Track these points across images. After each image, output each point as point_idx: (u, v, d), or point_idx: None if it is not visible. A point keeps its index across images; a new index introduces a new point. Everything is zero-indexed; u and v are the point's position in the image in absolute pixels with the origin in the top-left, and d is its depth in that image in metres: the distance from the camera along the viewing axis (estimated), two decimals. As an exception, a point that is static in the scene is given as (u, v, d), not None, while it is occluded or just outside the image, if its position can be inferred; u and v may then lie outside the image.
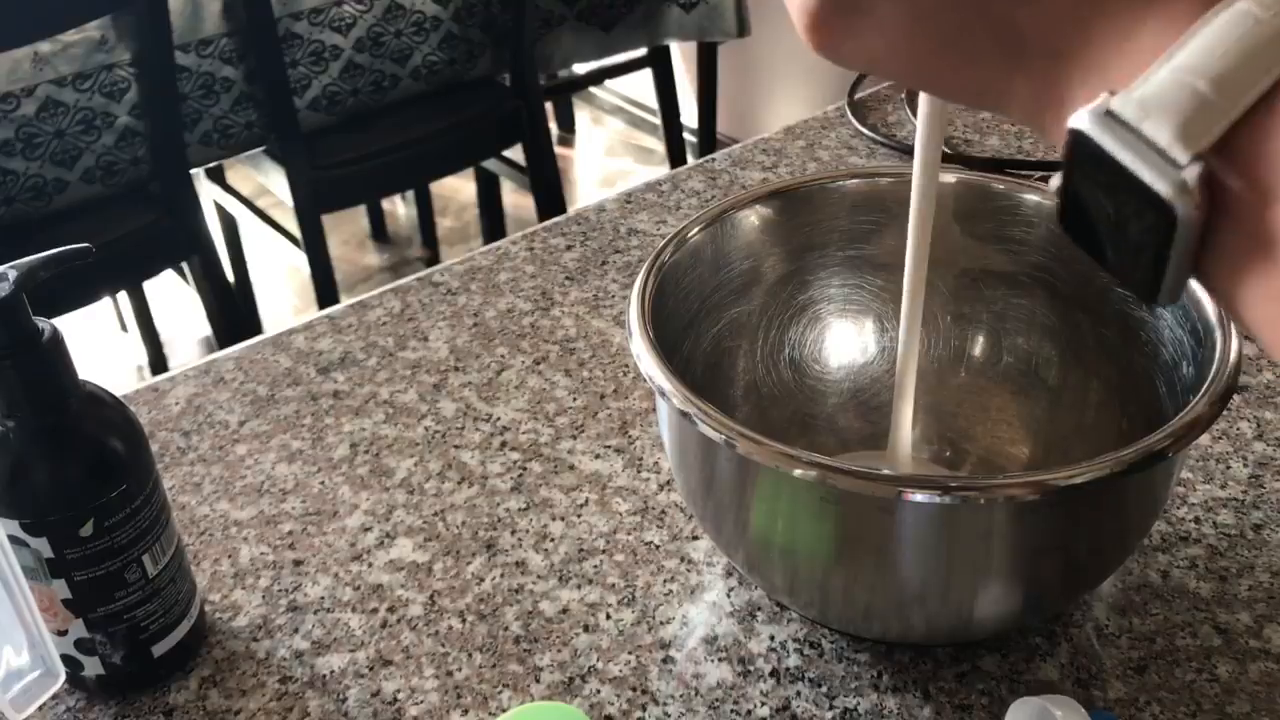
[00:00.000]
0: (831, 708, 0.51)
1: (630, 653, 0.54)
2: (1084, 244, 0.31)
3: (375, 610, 0.57)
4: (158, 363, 2.11)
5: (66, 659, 0.51)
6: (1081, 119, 0.28)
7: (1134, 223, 0.28)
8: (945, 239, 0.57)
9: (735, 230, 0.59)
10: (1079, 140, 0.28)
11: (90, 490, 0.48)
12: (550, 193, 1.99)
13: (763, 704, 0.51)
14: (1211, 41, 0.26)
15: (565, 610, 0.56)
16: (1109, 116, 0.27)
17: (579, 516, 0.61)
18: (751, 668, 0.53)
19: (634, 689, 0.52)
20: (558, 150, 2.28)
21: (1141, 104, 0.27)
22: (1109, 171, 0.28)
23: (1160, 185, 0.26)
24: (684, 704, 0.52)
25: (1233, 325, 0.48)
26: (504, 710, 0.52)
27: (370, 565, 0.59)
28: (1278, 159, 0.25)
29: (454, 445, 0.67)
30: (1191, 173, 0.26)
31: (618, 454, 0.65)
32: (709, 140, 2.44)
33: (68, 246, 0.47)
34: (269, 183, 1.84)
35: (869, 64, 0.34)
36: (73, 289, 1.59)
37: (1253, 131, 0.26)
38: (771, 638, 0.54)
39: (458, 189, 2.78)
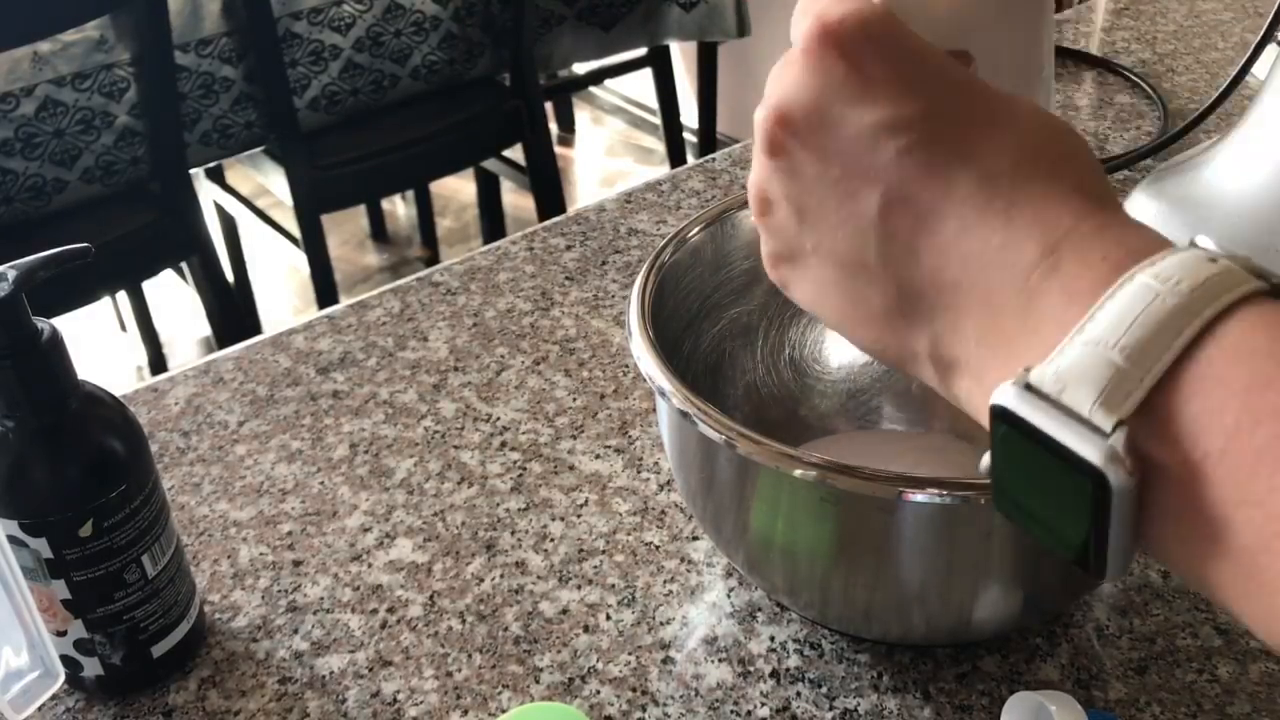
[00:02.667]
0: (832, 708, 0.51)
1: (630, 653, 0.54)
2: (1022, 523, 0.31)
3: (375, 611, 0.57)
4: (157, 363, 2.11)
5: (66, 659, 0.51)
6: (1005, 394, 0.29)
7: (1070, 495, 0.28)
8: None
9: (735, 230, 0.59)
10: (1003, 415, 0.29)
11: (89, 491, 0.48)
12: (550, 193, 1.99)
13: (763, 704, 0.51)
14: (1118, 315, 0.27)
15: (565, 611, 0.56)
16: (1029, 390, 0.28)
17: (579, 517, 0.61)
18: (751, 668, 0.53)
19: (634, 689, 0.52)
20: (558, 150, 2.28)
21: (1059, 376, 0.28)
22: (1038, 445, 0.28)
23: (1090, 453, 0.27)
24: (684, 704, 0.52)
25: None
26: (504, 711, 0.52)
27: (370, 566, 0.59)
28: (1193, 421, 0.26)
29: (454, 445, 0.67)
30: (1118, 439, 0.27)
31: (618, 454, 0.65)
32: (709, 140, 2.44)
33: (67, 246, 0.47)
34: (268, 182, 1.84)
35: (810, 308, 0.37)
36: (72, 289, 1.59)
37: (1168, 396, 0.27)
38: (772, 638, 0.54)
39: (458, 189, 2.78)
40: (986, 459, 0.31)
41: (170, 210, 1.63)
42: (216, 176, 2.14)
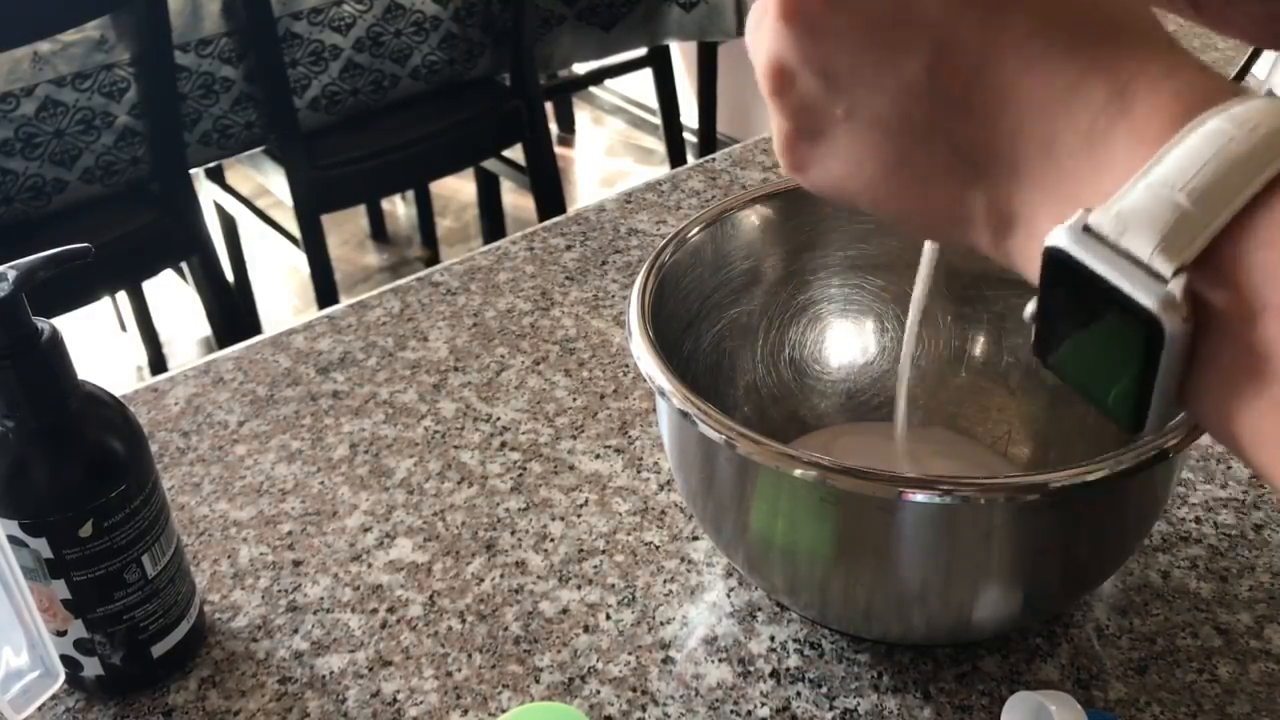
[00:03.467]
0: (832, 708, 0.51)
1: (630, 653, 0.54)
2: (1063, 373, 0.30)
3: (375, 611, 0.57)
4: (157, 363, 2.11)
5: (66, 659, 0.51)
6: (1059, 236, 0.28)
7: (1118, 343, 0.28)
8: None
9: (735, 230, 0.59)
10: (1056, 259, 0.28)
11: (89, 491, 0.48)
12: (550, 193, 1.99)
13: (763, 704, 0.51)
14: (1187, 157, 0.26)
15: (565, 611, 0.56)
16: (1086, 233, 0.27)
17: (579, 517, 0.61)
18: (751, 668, 0.53)
19: (634, 689, 0.52)
20: (558, 150, 2.28)
21: (1120, 218, 0.27)
22: (1090, 289, 0.27)
23: (1145, 299, 0.26)
24: (684, 704, 0.52)
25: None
26: (504, 711, 0.52)
27: (370, 565, 0.59)
28: (1260, 271, 0.25)
29: (454, 445, 0.67)
30: (1177, 285, 0.26)
31: (618, 454, 0.65)
32: (709, 140, 2.44)
33: (67, 246, 0.47)
34: (268, 182, 1.84)
35: (835, 189, 0.35)
36: (72, 289, 1.59)
37: (1235, 244, 0.26)
38: (772, 638, 0.54)
39: (458, 189, 2.78)
40: (1032, 305, 0.30)
41: (170, 210, 1.63)
42: (216, 176, 2.14)
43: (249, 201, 2.07)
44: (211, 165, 1.87)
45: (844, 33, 0.32)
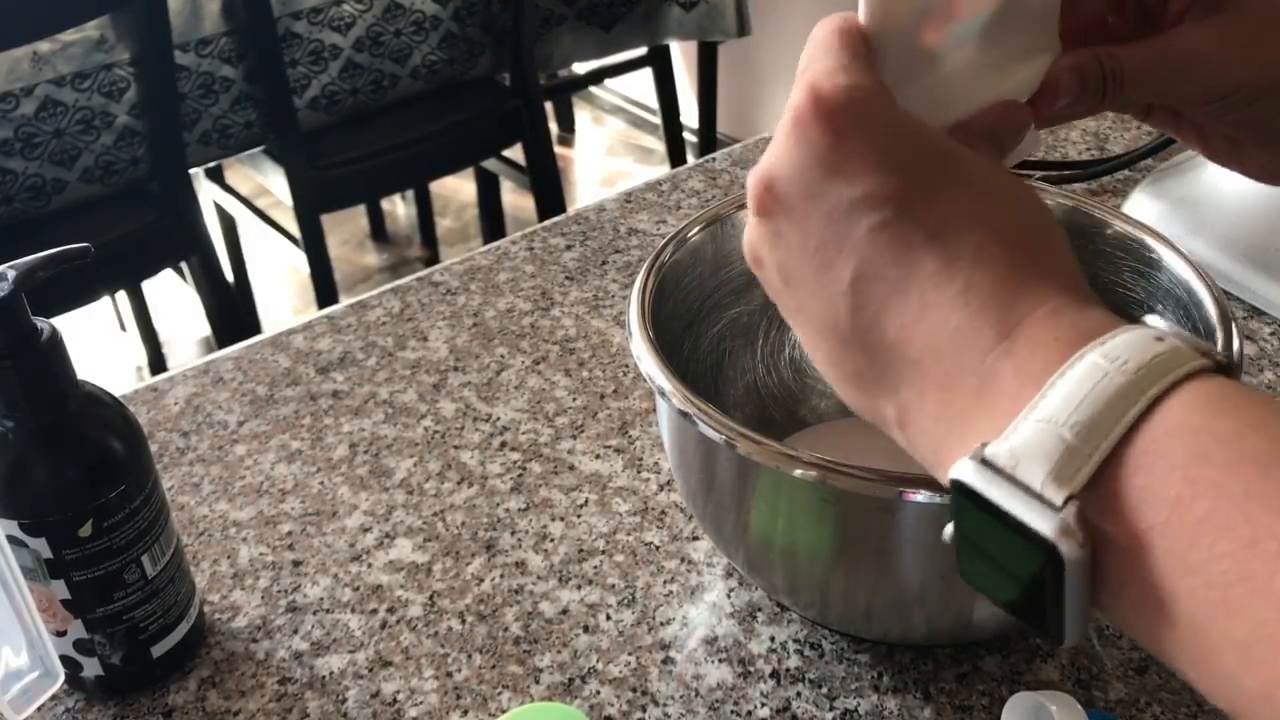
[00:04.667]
0: (832, 709, 0.51)
1: (630, 654, 0.54)
2: (986, 591, 0.32)
3: (375, 611, 0.57)
4: (157, 363, 2.11)
5: (65, 660, 0.51)
6: (962, 468, 0.30)
7: (1026, 567, 0.30)
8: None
9: (735, 230, 0.59)
10: (962, 489, 0.30)
11: (89, 491, 0.48)
12: (550, 193, 1.99)
13: (763, 705, 0.51)
14: (1069, 393, 0.29)
15: (565, 611, 0.56)
16: (985, 465, 0.29)
17: (579, 517, 0.61)
18: (752, 669, 0.53)
19: (634, 690, 0.52)
20: (558, 150, 2.28)
21: (1012, 452, 0.29)
22: (995, 518, 0.30)
23: (1042, 526, 0.28)
24: (684, 705, 0.52)
25: (1234, 325, 0.48)
26: (504, 711, 0.52)
27: (370, 566, 0.59)
28: (1138, 495, 0.27)
29: (454, 445, 0.67)
30: (1069, 513, 0.28)
31: (618, 454, 0.65)
32: (709, 140, 2.44)
33: (66, 246, 0.47)
34: (268, 182, 1.84)
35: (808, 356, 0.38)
36: (71, 289, 1.59)
37: (1116, 472, 0.28)
38: (772, 638, 0.54)
39: (457, 189, 2.78)
40: (949, 530, 0.32)
41: (170, 210, 1.63)
42: (216, 176, 2.14)
43: (249, 201, 2.07)
44: (211, 165, 1.87)
45: (796, 240, 0.36)
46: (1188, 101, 0.44)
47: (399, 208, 2.78)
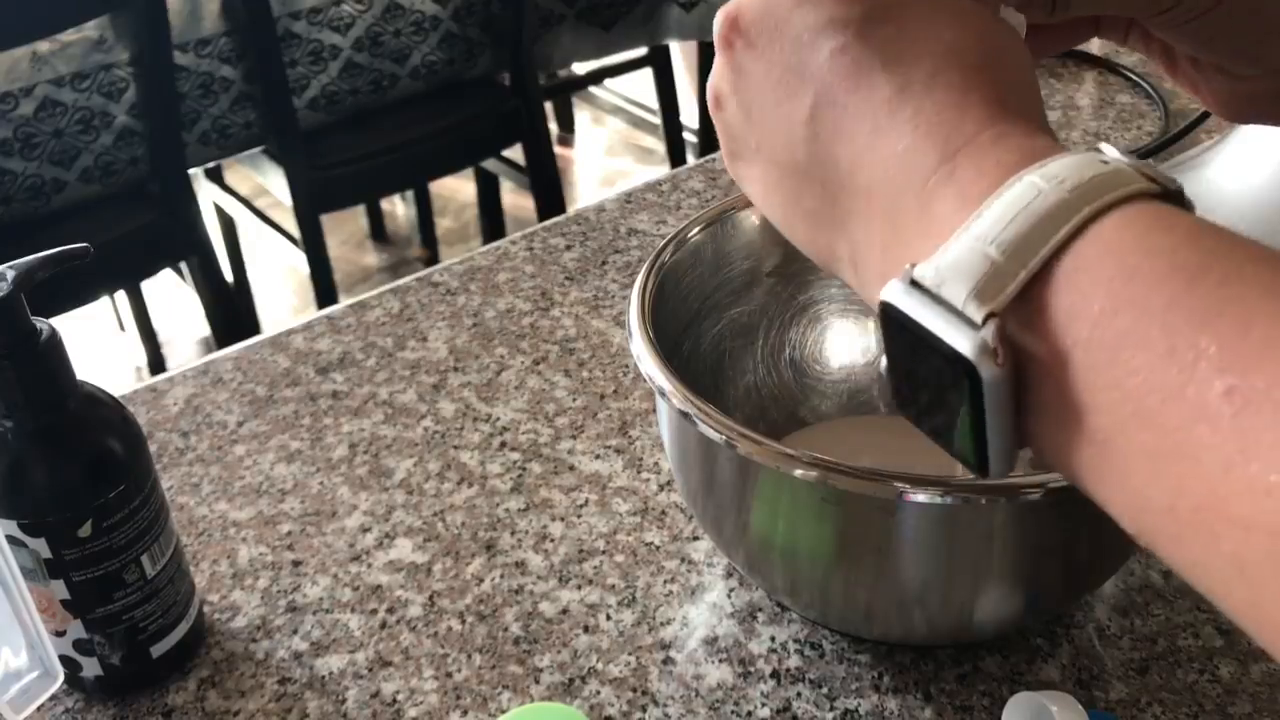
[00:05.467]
0: (832, 709, 0.51)
1: (630, 654, 0.54)
2: (916, 420, 0.32)
3: (374, 611, 0.57)
4: (156, 363, 2.11)
5: (65, 660, 0.51)
6: (891, 290, 0.29)
7: (950, 390, 0.29)
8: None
9: (735, 230, 0.59)
10: (889, 312, 0.30)
11: (88, 491, 0.48)
12: (550, 193, 1.99)
13: (763, 705, 0.51)
14: (1000, 212, 0.28)
15: (565, 611, 0.56)
16: (913, 286, 0.29)
17: (579, 517, 0.61)
18: (752, 669, 0.53)
19: (634, 690, 0.52)
20: (558, 150, 2.28)
21: (939, 271, 0.28)
22: (919, 340, 0.29)
23: (961, 344, 0.28)
24: (684, 705, 0.51)
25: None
26: (503, 711, 0.52)
27: (369, 566, 0.59)
28: (1064, 313, 0.27)
29: (453, 445, 0.66)
30: (988, 331, 0.27)
31: (618, 454, 0.65)
32: (709, 140, 2.44)
33: (66, 246, 0.47)
34: (267, 182, 1.84)
35: (758, 205, 0.38)
36: (71, 289, 1.59)
37: (1042, 291, 0.27)
38: (772, 639, 0.54)
39: (457, 189, 2.78)
40: (883, 360, 0.32)
41: (169, 210, 1.63)
42: (216, 176, 2.14)
43: (248, 201, 2.07)
44: (210, 165, 1.87)
45: (759, 73, 0.35)
46: (1140, 8, 0.42)
47: (399, 208, 2.78)
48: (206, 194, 2.07)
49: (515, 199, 2.54)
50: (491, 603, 0.57)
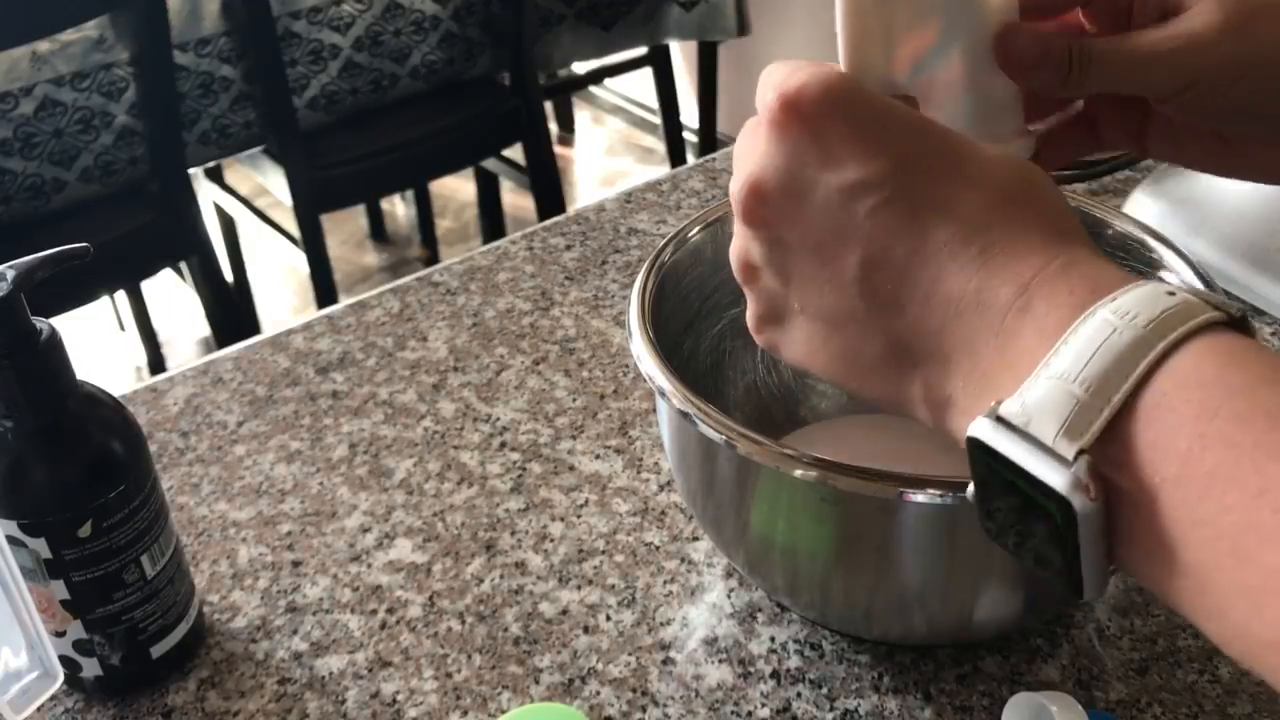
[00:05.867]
0: (832, 709, 0.51)
1: (630, 654, 0.54)
2: (1008, 548, 0.33)
3: (374, 611, 0.57)
4: (156, 363, 2.11)
5: (65, 660, 0.51)
6: (979, 426, 0.30)
7: (1042, 521, 0.30)
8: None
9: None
10: (978, 446, 0.31)
11: (88, 491, 0.48)
12: (550, 193, 1.99)
13: (763, 705, 0.51)
14: (1079, 350, 0.29)
15: (565, 611, 0.56)
16: (1000, 422, 0.30)
17: (579, 517, 0.61)
18: (752, 669, 0.53)
19: (634, 690, 0.52)
20: (558, 150, 2.28)
21: (1025, 409, 0.29)
22: (1011, 473, 0.30)
23: (1055, 480, 0.29)
24: (684, 705, 0.51)
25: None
26: (503, 712, 0.52)
27: (369, 566, 0.59)
28: (1150, 448, 0.28)
29: (453, 446, 0.66)
30: (1080, 467, 0.28)
31: (618, 454, 0.65)
32: (709, 140, 2.44)
33: (65, 246, 0.47)
34: (267, 182, 1.84)
35: (801, 366, 0.39)
36: (70, 289, 1.59)
37: (1128, 426, 0.28)
38: (772, 639, 0.54)
39: (457, 189, 2.78)
40: (971, 488, 0.32)
41: (169, 210, 1.63)
42: (216, 176, 2.14)
43: (248, 201, 2.07)
44: (210, 165, 1.87)
45: (791, 238, 0.36)
46: (1158, 88, 0.43)
47: (399, 208, 2.78)
48: (206, 194, 2.07)
49: (515, 199, 2.54)
50: (491, 603, 0.57)
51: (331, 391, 0.71)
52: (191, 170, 1.67)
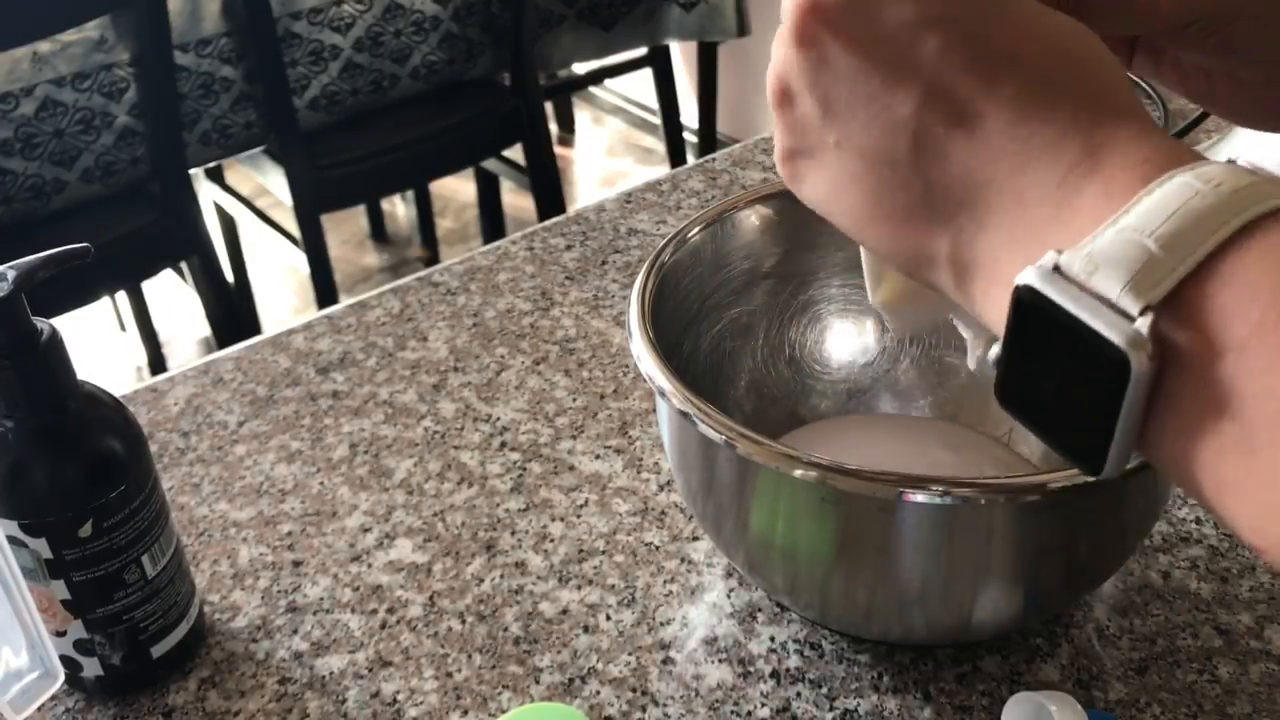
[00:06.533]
0: (832, 709, 0.51)
1: (630, 654, 0.54)
2: (1026, 415, 0.32)
3: (375, 611, 0.57)
4: (156, 363, 2.11)
5: (65, 660, 0.51)
6: (1029, 275, 0.29)
7: (1084, 381, 0.29)
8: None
9: (735, 230, 0.59)
10: (1025, 299, 0.29)
11: (89, 491, 0.48)
12: (550, 193, 1.99)
13: (763, 705, 0.51)
14: (1156, 207, 0.28)
15: (565, 611, 0.56)
16: (1056, 273, 0.29)
17: (579, 517, 0.61)
18: (752, 669, 0.53)
19: (634, 690, 0.52)
20: (558, 150, 2.28)
21: (1090, 259, 0.28)
22: (1058, 329, 0.29)
23: (1113, 336, 0.27)
24: (684, 705, 0.52)
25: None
26: (504, 711, 0.52)
27: (370, 566, 0.59)
28: (1222, 312, 0.27)
29: (453, 446, 0.67)
30: (1144, 323, 0.27)
31: (618, 454, 0.65)
32: (709, 140, 2.44)
33: (66, 246, 0.47)
34: (268, 182, 1.84)
35: (822, 206, 0.37)
36: (71, 289, 1.59)
37: (1199, 289, 0.27)
38: (772, 639, 0.54)
39: (457, 189, 2.78)
40: (996, 348, 0.31)
41: (170, 210, 1.63)
42: (216, 176, 2.14)
43: (249, 201, 2.07)
44: (211, 165, 1.87)
45: (847, 66, 0.34)
46: (1162, 23, 0.42)
47: (399, 208, 2.78)
48: (207, 194, 2.07)
49: (515, 199, 2.54)
50: (491, 603, 0.57)
51: (332, 391, 0.71)
52: (192, 170, 1.67)
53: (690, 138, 2.59)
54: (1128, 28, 0.43)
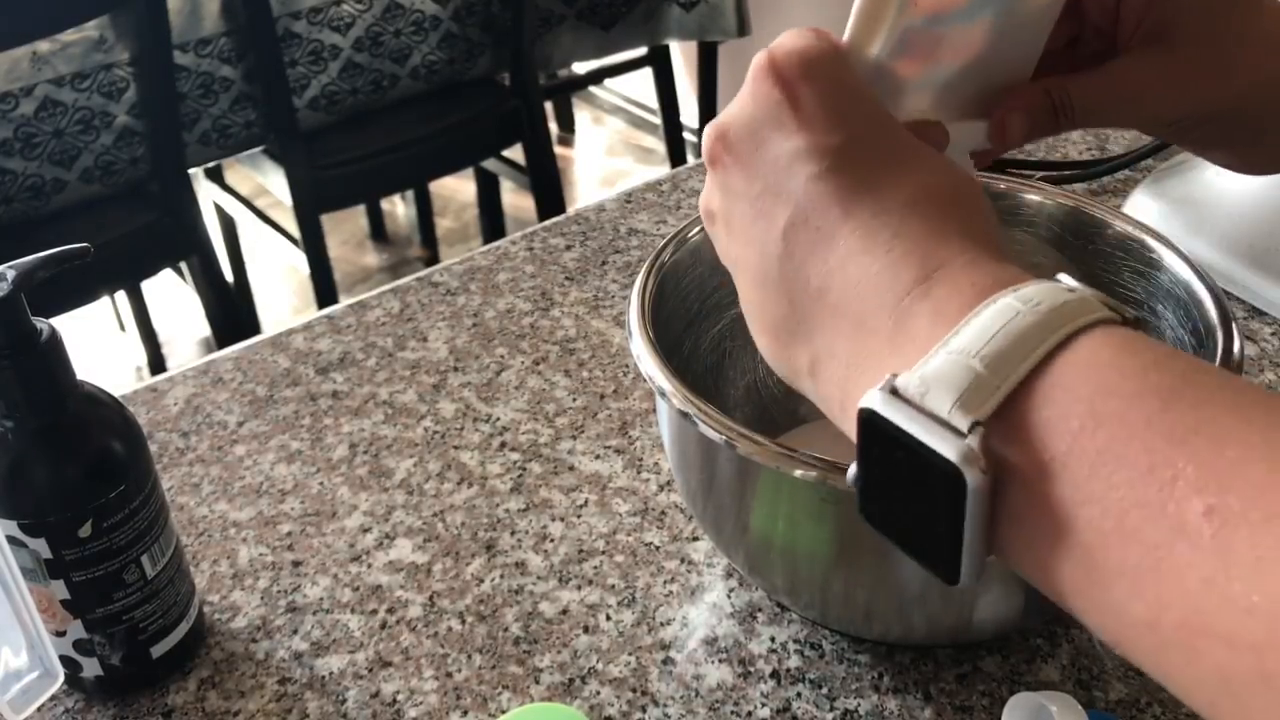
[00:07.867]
0: (832, 709, 0.51)
1: (630, 654, 0.54)
2: (886, 531, 0.33)
3: (374, 611, 0.57)
4: (156, 363, 2.11)
5: (65, 660, 0.51)
6: (871, 398, 0.31)
7: (927, 497, 0.30)
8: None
9: (735, 230, 0.59)
10: (869, 420, 0.31)
11: (89, 491, 0.48)
12: (550, 193, 1.99)
13: (763, 705, 0.51)
14: (982, 329, 0.30)
15: (565, 611, 0.56)
16: (894, 395, 0.30)
17: (579, 517, 0.61)
18: (752, 669, 0.53)
19: (634, 690, 0.52)
20: (558, 150, 2.28)
21: (923, 381, 0.30)
22: (899, 447, 0.30)
23: (947, 451, 0.29)
24: (684, 705, 0.51)
25: (1234, 325, 0.48)
26: (503, 712, 0.52)
27: (369, 566, 0.59)
28: (1044, 427, 0.28)
29: (453, 446, 0.66)
30: (974, 439, 0.28)
31: (618, 454, 0.65)
32: (709, 140, 2.43)
33: (66, 246, 0.47)
34: (268, 182, 1.84)
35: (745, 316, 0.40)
36: (71, 289, 1.59)
37: (1023, 404, 0.28)
38: (772, 639, 0.54)
39: (457, 189, 2.78)
40: (853, 469, 0.32)
41: (169, 210, 1.63)
42: (216, 176, 2.14)
43: (248, 201, 2.07)
44: (211, 165, 1.87)
45: (740, 186, 0.38)
46: (1138, 126, 0.47)
47: (399, 208, 2.78)
48: (206, 194, 2.07)
49: (515, 199, 2.54)
50: (491, 603, 0.57)
51: (332, 391, 0.71)
52: (192, 170, 1.67)
53: (690, 137, 2.60)
54: (1105, 121, 0.47)
